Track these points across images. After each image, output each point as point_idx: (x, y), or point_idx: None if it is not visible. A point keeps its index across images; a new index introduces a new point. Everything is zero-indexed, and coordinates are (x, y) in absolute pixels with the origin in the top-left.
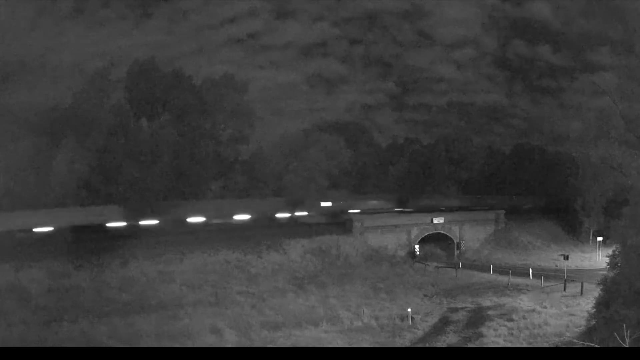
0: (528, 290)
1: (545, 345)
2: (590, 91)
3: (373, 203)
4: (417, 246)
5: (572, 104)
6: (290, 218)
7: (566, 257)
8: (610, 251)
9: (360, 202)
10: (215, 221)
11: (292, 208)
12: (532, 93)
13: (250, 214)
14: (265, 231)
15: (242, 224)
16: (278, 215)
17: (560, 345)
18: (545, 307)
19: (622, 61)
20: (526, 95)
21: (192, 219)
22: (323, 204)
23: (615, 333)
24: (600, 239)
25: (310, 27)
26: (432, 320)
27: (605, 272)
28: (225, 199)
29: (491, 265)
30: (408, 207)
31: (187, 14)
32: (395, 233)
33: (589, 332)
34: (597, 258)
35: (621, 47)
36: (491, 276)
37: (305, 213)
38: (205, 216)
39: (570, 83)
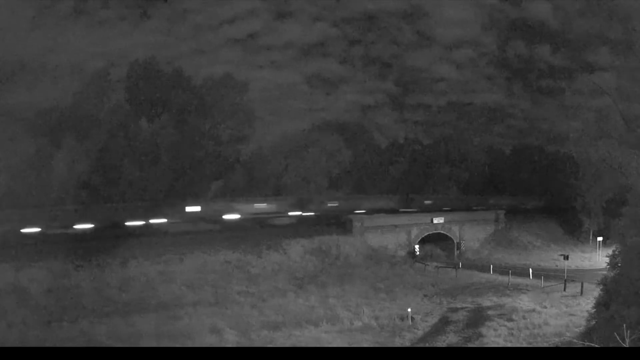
0: (528, 290)
1: (545, 345)
2: (589, 91)
3: (261, 207)
4: (417, 246)
5: (572, 104)
6: (144, 226)
7: (566, 257)
8: (610, 251)
9: (244, 205)
10: (52, 232)
11: (147, 214)
12: (532, 93)
13: (95, 223)
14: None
15: (83, 233)
16: (129, 223)
17: (560, 345)
18: (545, 307)
19: (621, 61)
20: (525, 96)
21: (27, 230)
22: (189, 208)
23: (615, 333)
24: (600, 239)
25: (310, 28)
26: (432, 320)
27: (605, 272)
28: (69, 205)
29: (491, 265)
30: (307, 210)
31: (186, 15)
32: (395, 233)
33: (589, 332)
34: (597, 258)
35: (620, 47)
36: (491, 276)
37: (163, 220)
38: (40, 226)
39: (570, 83)
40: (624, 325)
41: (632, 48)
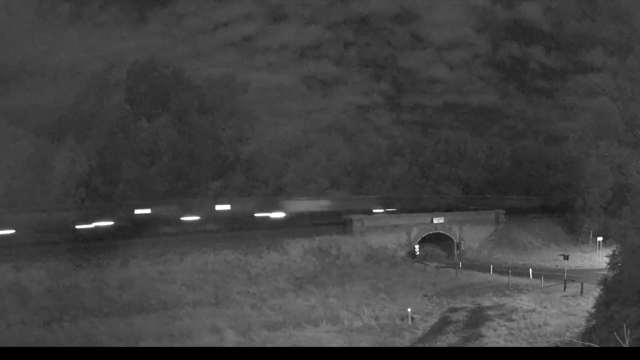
0: (528, 290)
1: (545, 345)
2: (584, 91)
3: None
4: (417, 246)
5: (566, 105)
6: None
7: (566, 257)
8: (610, 251)
9: (89, 214)
10: None
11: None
12: (527, 94)
13: None
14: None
15: None
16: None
17: (560, 345)
18: (545, 307)
19: (616, 61)
20: (520, 96)
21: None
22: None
23: (615, 333)
24: (600, 239)
25: (304, 31)
26: (432, 320)
27: (605, 272)
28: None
29: (491, 265)
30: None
31: (183, 18)
32: (395, 233)
33: (589, 332)
34: (597, 258)
35: (614, 48)
36: (491, 276)
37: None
38: None
39: (564, 84)
40: (624, 325)
41: (628, 48)
